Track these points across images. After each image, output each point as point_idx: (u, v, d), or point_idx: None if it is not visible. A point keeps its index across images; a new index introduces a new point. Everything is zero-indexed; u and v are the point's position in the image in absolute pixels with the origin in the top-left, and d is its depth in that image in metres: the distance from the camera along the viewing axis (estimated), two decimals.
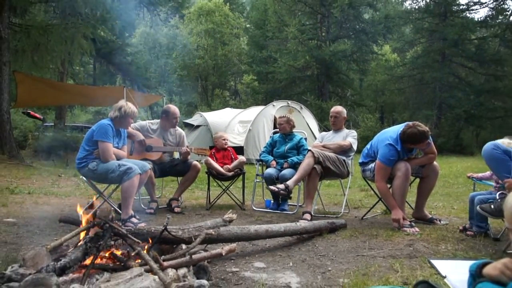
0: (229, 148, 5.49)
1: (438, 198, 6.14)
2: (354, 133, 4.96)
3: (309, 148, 4.87)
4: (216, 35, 31.18)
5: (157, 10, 15.23)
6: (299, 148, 5.18)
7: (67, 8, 12.20)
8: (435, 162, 4.20)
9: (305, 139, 5.42)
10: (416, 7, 25.68)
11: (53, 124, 17.39)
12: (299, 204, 5.01)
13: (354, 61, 26.09)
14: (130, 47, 20.52)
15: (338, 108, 5.09)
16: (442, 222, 4.15)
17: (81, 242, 2.54)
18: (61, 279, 2.17)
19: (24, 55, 11.76)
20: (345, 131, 5.00)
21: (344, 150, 4.76)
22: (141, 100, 10.97)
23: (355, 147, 4.82)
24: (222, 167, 5.16)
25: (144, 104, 12.72)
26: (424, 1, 25.10)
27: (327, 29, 25.57)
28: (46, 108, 19.97)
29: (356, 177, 6.51)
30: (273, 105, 13.82)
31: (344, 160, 4.71)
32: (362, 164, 4.50)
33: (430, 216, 4.23)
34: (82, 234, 2.61)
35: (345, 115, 5.07)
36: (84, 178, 4.17)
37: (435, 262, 2.73)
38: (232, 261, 2.96)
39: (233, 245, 2.76)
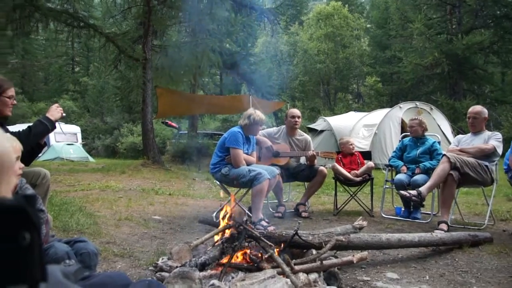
0: (356, 153, 5.34)
1: None
2: (498, 135, 4.39)
3: (443, 152, 4.47)
4: (336, 38, 30.78)
5: (277, 19, 15.67)
6: (432, 153, 4.78)
7: (196, 26, 13.29)
8: None
9: (439, 142, 4.99)
10: None
11: (187, 132, 19.08)
12: (433, 213, 4.63)
13: (494, 53, 23.05)
14: (253, 57, 21.48)
15: (477, 108, 4.54)
16: None
17: (218, 242, 2.73)
18: (202, 274, 2.35)
19: (163, 71, 13.22)
20: (487, 133, 4.45)
21: (486, 155, 4.25)
22: (266, 107, 11.38)
23: (499, 151, 4.26)
24: (349, 172, 5.05)
25: (269, 111, 13.16)
26: None
27: (458, 21, 23.17)
28: (180, 118, 22.04)
29: (501, 185, 5.75)
30: (400, 107, 13.04)
31: (486, 166, 4.20)
32: (509, 170, 3.96)
33: None
34: (219, 235, 2.81)
35: (486, 115, 4.48)
36: (218, 182, 4.47)
37: None
38: (363, 269, 2.87)
39: (365, 253, 2.68)
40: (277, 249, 2.65)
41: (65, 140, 17.68)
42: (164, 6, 12.37)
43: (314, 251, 2.71)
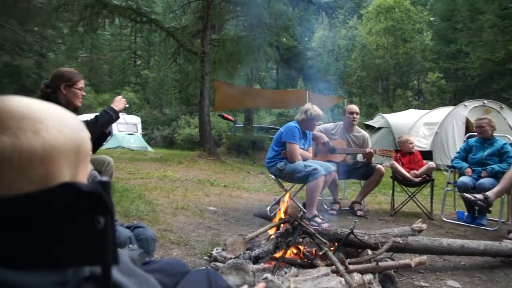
0: (415, 152, 5.12)
1: None
2: None
3: None
4: (397, 32, 29.52)
5: (335, 13, 15.33)
6: (502, 155, 4.45)
7: (254, 20, 13.35)
8: None
9: (510, 144, 4.64)
10: None
11: (242, 125, 19.30)
12: (502, 220, 4.31)
13: None
14: (310, 51, 21.24)
15: None
16: None
17: (272, 236, 2.74)
18: (255, 267, 2.37)
19: (220, 65, 13.44)
20: None
21: None
22: (322, 102, 11.21)
23: None
24: (408, 172, 4.84)
25: (325, 106, 12.97)
26: None
27: None
28: (236, 111, 22.33)
29: None
30: (465, 105, 12.28)
31: None
32: None
33: None
34: (273, 229, 2.81)
35: None
36: (273, 176, 4.48)
37: None
38: (421, 274, 2.75)
39: (424, 257, 2.57)
40: (332, 247, 2.61)
41: (127, 130, 18.54)
42: (223, 1, 12.56)
43: (369, 252, 2.64)
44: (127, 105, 3.08)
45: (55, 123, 0.62)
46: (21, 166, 0.58)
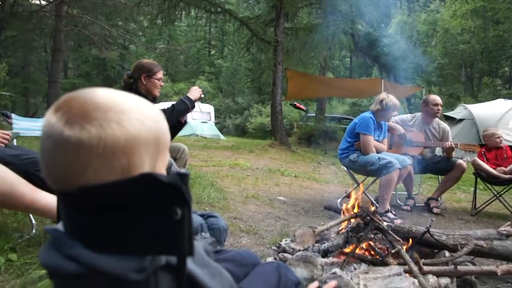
0: (504, 147, 4.67)
1: None
2: None
3: None
4: (487, 13, 26.97)
5: None
6: None
7: (328, 7, 13.04)
8: None
9: None
10: None
11: (314, 114, 19.09)
12: None
13: None
14: (386, 38, 20.28)
15: None
16: None
17: (342, 230, 2.68)
18: (324, 260, 2.33)
19: (293, 54, 13.37)
20: None
21: None
22: (399, 91, 10.67)
23: None
24: (494, 169, 4.44)
25: (401, 96, 12.35)
26: None
27: None
28: (308, 100, 22.10)
29: None
30: None
31: None
32: None
33: None
34: (344, 223, 2.74)
35: None
36: (345, 168, 4.37)
37: None
38: (509, 285, 2.50)
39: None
40: (405, 245, 2.48)
41: (200, 118, 19.23)
42: None
43: (447, 253, 2.47)
44: (202, 95, 3.16)
45: (138, 115, 0.64)
46: (105, 156, 0.60)
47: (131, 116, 0.63)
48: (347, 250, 2.46)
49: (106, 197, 0.61)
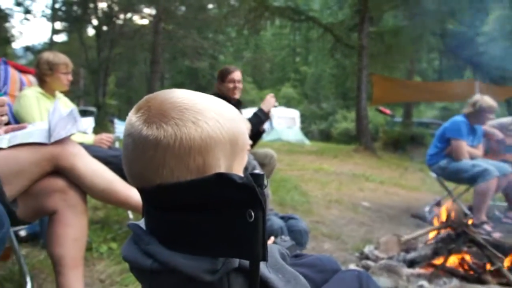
0: None
1: None
2: None
3: None
4: None
5: None
6: None
7: (415, 8, 12.43)
8: None
9: None
10: None
11: (401, 119, 18.26)
12: None
13: None
14: (482, 36, 18.67)
15: None
16: None
17: (431, 241, 2.54)
18: (409, 271, 2.25)
19: (378, 58, 12.95)
20: None
21: None
22: (496, 93, 9.75)
23: None
24: None
25: (500, 98, 11.27)
26: None
27: None
28: (394, 105, 21.17)
29: None
30: None
31: None
32: None
33: None
34: (433, 233, 2.61)
35: None
36: (434, 175, 4.14)
37: None
38: None
39: None
40: (507, 263, 2.27)
41: (286, 124, 19.43)
42: None
43: None
44: (276, 104, 3.19)
45: (214, 115, 0.64)
46: (181, 155, 0.61)
47: (207, 115, 0.63)
48: (436, 262, 2.34)
49: (181, 196, 0.62)
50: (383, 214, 4.19)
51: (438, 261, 2.30)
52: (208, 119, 0.63)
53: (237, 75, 3.04)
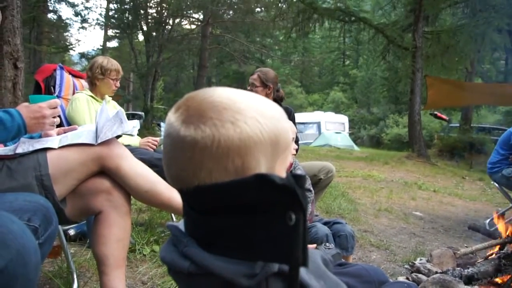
0: None
1: None
2: None
3: None
4: None
5: None
6: None
7: (477, 4, 11.74)
8: None
9: None
10: None
11: (458, 125, 17.37)
12: None
13: None
14: None
15: None
16: None
17: (492, 256, 2.32)
18: None
19: (434, 59, 12.36)
20: None
21: None
22: None
23: None
24: None
25: None
26: None
27: None
28: (451, 109, 20.18)
29: None
30: None
31: None
32: None
33: None
34: (495, 248, 2.38)
35: None
36: (496, 184, 3.84)
37: None
38: None
39: None
40: None
41: (334, 129, 19.11)
42: None
43: None
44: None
45: (254, 114, 0.61)
46: (219, 156, 0.59)
47: (246, 115, 0.60)
48: (499, 280, 2.13)
49: (219, 197, 0.59)
50: (437, 225, 3.94)
51: (502, 279, 2.09)
52: (248, 119, 0.60)
53: (251, 78, 2.93)
